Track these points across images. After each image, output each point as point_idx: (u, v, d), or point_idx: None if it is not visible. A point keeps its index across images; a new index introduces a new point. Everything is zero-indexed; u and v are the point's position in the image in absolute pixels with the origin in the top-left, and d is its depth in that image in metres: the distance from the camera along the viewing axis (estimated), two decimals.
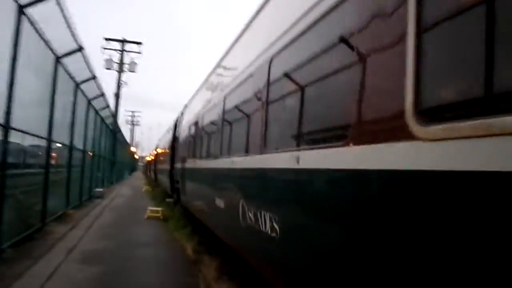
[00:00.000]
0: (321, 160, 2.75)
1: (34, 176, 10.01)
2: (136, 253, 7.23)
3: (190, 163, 9.09)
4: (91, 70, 12.60)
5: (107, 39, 32.04)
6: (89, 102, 15.15)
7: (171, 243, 8.48)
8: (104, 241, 8.15)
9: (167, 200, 13.99)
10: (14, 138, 7.03)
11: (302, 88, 3.36)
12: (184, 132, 10.69)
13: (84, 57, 11.17)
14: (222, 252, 7.20)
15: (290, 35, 3.50)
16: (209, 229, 7.26)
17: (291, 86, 3.58)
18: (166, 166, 15.98)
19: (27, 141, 9.40)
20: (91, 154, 17.35)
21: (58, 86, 9.76)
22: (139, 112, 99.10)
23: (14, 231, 7.47)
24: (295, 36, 3.38)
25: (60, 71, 9.94)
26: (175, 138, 13.54)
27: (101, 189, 18.98)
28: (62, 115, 11.31)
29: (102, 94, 16.04)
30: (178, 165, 11.84)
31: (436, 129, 1.68)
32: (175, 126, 13.76)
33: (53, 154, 10.82)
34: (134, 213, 13.52)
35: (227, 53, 6.84)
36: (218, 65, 7.64)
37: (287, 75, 3.62)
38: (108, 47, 32.21)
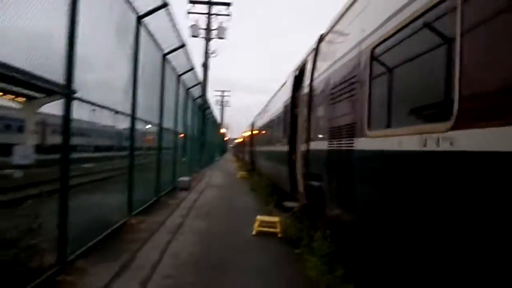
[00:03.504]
0: None
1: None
2: None
3: (373, 140, 3.56)
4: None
5: (192, 2, 27.67)
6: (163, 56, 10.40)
7: None
8: None
9: (286, 204, 8.66)
10: None
11: None
12: (333, 76, 5.08)
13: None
14: None
15: None
16: None
17: None
18: (278, 148, 10.54)
19: None
20: (173, 133, 12.80)
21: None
22: (229, 91, 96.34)
23: None
24: None
25: None
26: (299, 98, 7.98)
27: (187, 178, 14.44)
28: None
29: (183, 46, 11.12)
30: (312, 146, 6.31)
31: None
32: (298, 78, 8.16)
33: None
34: (233, 220, 8.46)
35: None
36: None
37: None
38: (193, 12, 27.88)
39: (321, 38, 6.51)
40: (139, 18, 7.72)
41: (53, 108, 7.41)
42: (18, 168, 16.61)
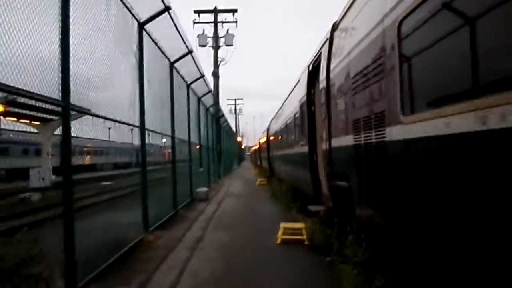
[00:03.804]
0: None
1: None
2: None
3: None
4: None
5: (197, 12, 27.53)
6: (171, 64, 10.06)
7: None
8: None
9: (310, 208, 8.08)
10: None
11: None
12: (353, 64, 4.54)
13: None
14: None
15: None
16: None
17: None
18: (297, 150, 10.01)
19: None
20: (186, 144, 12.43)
21: None
22: (241, 99, 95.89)
23: None
24: None
25: None
26: (316, 95, 7.48)
27: (205, 189, 14.05)
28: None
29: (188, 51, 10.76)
30: (334, 143, 5.80)
31: None
32: (313, 73, 7.64)
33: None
34: (255, 230, 7.97)
35: None
36: None
37: None
38: (199, 22, 27.71)
39: (334, 27, 6.02)
40: (141, 25, 7.39)
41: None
42: (36, 191, 16.55)
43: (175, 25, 8.70)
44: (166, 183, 9.95)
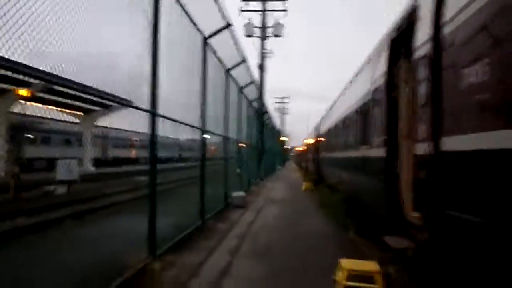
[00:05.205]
0: None
1: None
2: None
3: None
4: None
5: None
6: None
7: None
8: None
9: (391, 243, 5.53)
10: None
11: None
12: None
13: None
14: None
15: None
16: None
17: None
18: (363, 153, 7.48)
19: None
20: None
21: None
22: (288, 98, 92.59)
23: None
24: None
25: None
26: (405, 70, 5.06)
27: (241, 194, 11.95)
28: None
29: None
30: (456, 144, 3.38)
31: None
32: (399, 41, 5.21)
33: None
34: (303, 260, 5.74)
35: None
36: None
37: None
38: (246, 9, 25.71)
39: None
40: None
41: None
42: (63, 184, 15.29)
43: None
44: (190, 185, 7.99)
